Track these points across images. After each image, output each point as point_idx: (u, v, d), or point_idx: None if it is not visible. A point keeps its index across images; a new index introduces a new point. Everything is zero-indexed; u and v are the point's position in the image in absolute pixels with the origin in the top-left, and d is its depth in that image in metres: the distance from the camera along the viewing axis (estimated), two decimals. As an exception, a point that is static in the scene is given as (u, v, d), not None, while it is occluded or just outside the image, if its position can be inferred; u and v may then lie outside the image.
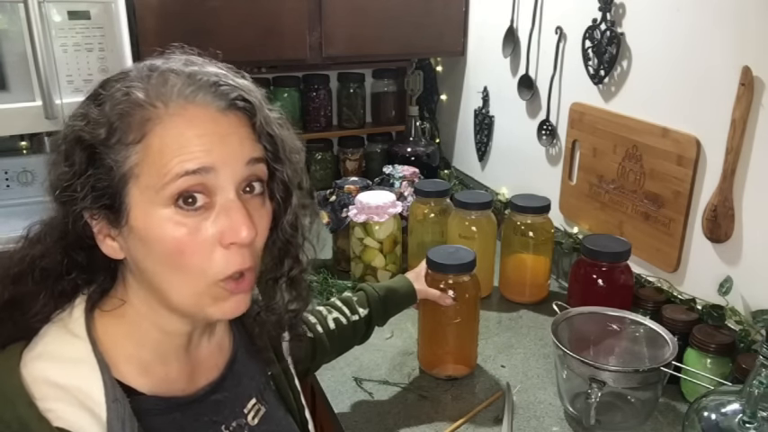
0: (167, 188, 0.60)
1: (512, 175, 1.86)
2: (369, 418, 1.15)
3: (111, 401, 0.61)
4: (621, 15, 1.37)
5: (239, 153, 0.63)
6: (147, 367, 0.68)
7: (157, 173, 0.60)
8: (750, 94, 1.09)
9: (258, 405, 0.78)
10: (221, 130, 0.62)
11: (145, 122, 0.61)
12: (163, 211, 0.61)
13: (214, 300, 0.64)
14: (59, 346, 0.64)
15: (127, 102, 0.61)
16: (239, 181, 0.63)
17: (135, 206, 0.61)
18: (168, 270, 0.63)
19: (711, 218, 1.18)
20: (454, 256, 1.21)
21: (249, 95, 0.65)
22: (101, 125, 0.61)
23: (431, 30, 1.90)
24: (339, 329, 1.08)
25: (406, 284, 1.18)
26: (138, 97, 0.61)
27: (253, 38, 1.67)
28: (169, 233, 0.61)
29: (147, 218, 0.61)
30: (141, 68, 0.64)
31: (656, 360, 1.07)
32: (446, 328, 1.22)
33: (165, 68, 0.64)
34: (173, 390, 0.70)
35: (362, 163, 2.21)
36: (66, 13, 1.41)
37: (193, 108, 0.62)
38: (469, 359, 1.28)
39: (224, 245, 0.62)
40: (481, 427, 1.13)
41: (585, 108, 1.51)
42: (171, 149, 0.60)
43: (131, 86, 0.62)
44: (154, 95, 0.61)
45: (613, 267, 1.31)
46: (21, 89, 1.41)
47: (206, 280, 0.63)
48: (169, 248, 0.61)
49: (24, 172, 1.72)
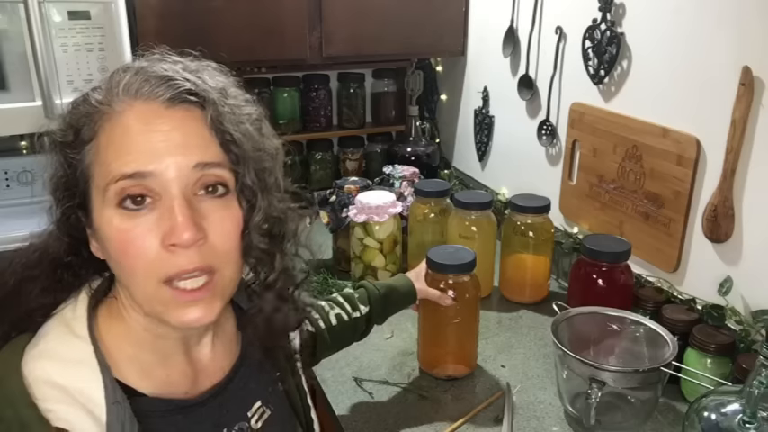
0: (109, 189, 0.60)
1: (512, 175, 1.86)
2: (369, 417, 1.15)
3: (111, 403, 0.61)
4: (621, 15, 1.37)
5: (183, 156, 0.60)
6: (147, 369, 0.67)
7: (103, 174, 0.60)
8: (750, 94, 1.09)
9: (263, 408, 0.77)
10: (165, 129, 0.60)
11: (96, 121, 0.61)
12: (109, 210, 0.60)
13: (166, 306, 0.62)
14: (61, 346, 0.64)
15: (85, 103, 0.63)
16: (186, 183, 0.61)
17: (94, 207, 0.62)
18: (123, 271, 0.62)
19: (711, 218, 1.18)
20: (454, 256, 1.21)
21: (200, 87, 0.63)
22: (68, 127, 0.63)
23: (431, 30, 1.90)
24: (340, 325, 1.08)
25: (406, 283, 1.18)
26: (94, 98, 0.62)
27: (253, 38, 1.67)
28: (114, 233, 0.60)
29: (100, 218, 0.61)
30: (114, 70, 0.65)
31: (656, 360, 1.07)
32: (446, 328, 1.22)
33: (122, 68, 0.64)
34: (175, 392, 0.69)
35: (362, 163, 2.21)
36: (66, 13, 1.41)
37: (137, 104, 0.61)
38: (469, 359, 1.28)
39: (165, 246, 0.60)
40: (481, 427, 1.13)
41: (585, 108, 1.51)
42: (113, 149, 0.60)
43: (94, 89, 0.64)
44: (104, 94, 0.62)
45: (613, 267, 1.31)
46: (21, 89, 1.40)
47: (152, 282, 0.61)
48: (116, 248, 0.61)
49: (24, 172, 1.72)
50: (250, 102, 0.69)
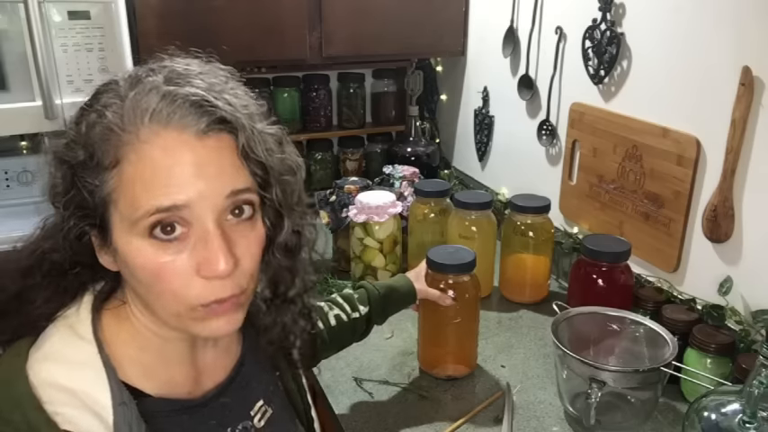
0: (140, 222, 0.58)
1: (512, 175, 1.86)
2: (369, 417, 1.15)
3: (117, 405, 0.61)
4: (621, 15, 1.37)
5: (217, 185, 0.60)
6: (151, 370, 0.68)
7: (130, 205, 0.58)
8: (750, 94, 1.09)
9: (265, 407, 0.78)
10: (198, 160, 0.58)
11: (119, 147, 0.58)
12: (139, 241, 0.59)
13: (196, 321, 0.63)
14: (66, 348, 0.63)
15: (102, 124, 0.59)
16: (219, 211, 0.60)
17: (115, 231, 0.60)
18: (149, 292, 0.62)
19: (711, 218, 1.18)
20: (454, 256, 1.21)
21: (232, 114, 0.61)
22: (79, 146, 0.59)
23: (431, 30, 1.90)
24: (339, 326, 1.08)
25: (406, 284, 1.18)
26: (111, 120, 0.58)
27: (253, 38, 1.67)
28: (146, 262, 0.59)
29: (126, 245, 0.60)
30: (125, 82, 0.61)
31: (656, 360, 1.07)
32: (446, 328, 1.22)
33: (142, 86, 0.60)
34: (178, 393, 0.69)
35: (362, 163, 2.21)
36: (66, 13, 1.41)
37: (167, 133, 0.58)
38: (469, 359, 1.28)
39: (200, 275, 0.60)
40: (481, 427, 1.13)
41: (585, 108, 1.51)
42: (143, 182, 0.58)
43: (108, 107, 0.59)
44: (127, 119, 0.58)
45: (613, 267, 1.31)
46: (21, 89, 1.40)
47: (185, 305, 0.61)
48: (147, 276, 0.60)
49: (24, 172, 1.72)
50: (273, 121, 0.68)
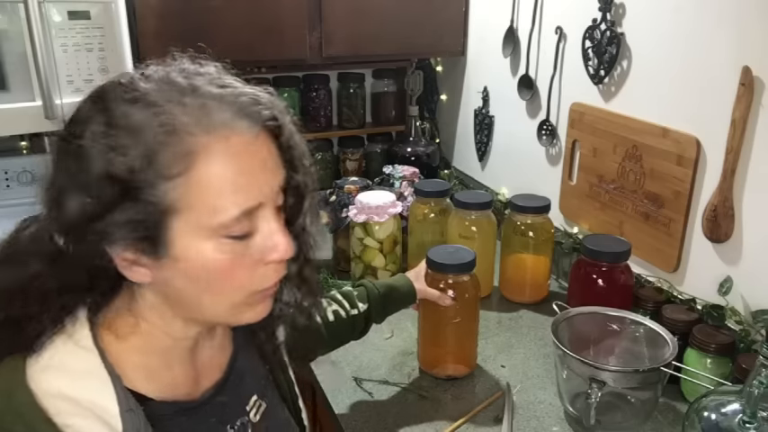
0: (221, 226, 0.60)
1: (512, 175, 1.86)
2: (368, 417, 1.15)
3: (124, 411, 0.61)
4: (621, 15, 1.37)
5: (275, 180, 0.64)
6: (153, 373, 0.67)
7: (207, 210, 0.59)
8: (750, 94, 1.09)
9: (259, 401, 0.79)
10: (263, 159, 0.62)
11: (187, 155, 0.57)
12: (210, 242, 0.60)
13: (248, 306, 0.67)
14: (67, 358, 0.62)
15: (165, 130, 0.57)
16: (276, 203, 0.65)
17: (178, 238, 0.60)
18: (208, 292, 0.64)
19: (711, 218, 1.18)
20: (454, 256, 1.21)
21: (279, 113, 0.65)
22: (137, 156, 0.56)
23: (431, 30, 1.90)
24: (338, 322, 1.09)
25: (406, 283, 1.19)
26: (177, 127, 0.57)
27: (253, 38, 1.67)
28: (218, 262, 0.61)
29: (193, 249, 0.60)
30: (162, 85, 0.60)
31: (656, 360, 1.07)
32: (446, 327, 1.22)
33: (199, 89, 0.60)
34: (179, 394, 0.70)
35: (362, 163, 2.21)
36: (66, 13, 1.41)
37: (234, 138, 0.60)
38: (469, 359, 1.28)
39: (266, 262, 0.64)
40: (481, 427, 1.13)
41: (585, 108, 1.51)
42: (220, 187, 0.59)
43: (165, 111, 0.58)
44: (194, 124, 0.58)
45: (613, 267, 1.31)
46: (21, 89, 1.40)
47: (246, 294, 0.65)
48: (216, 275, 0.62)
49: (24, 172, 1.72)
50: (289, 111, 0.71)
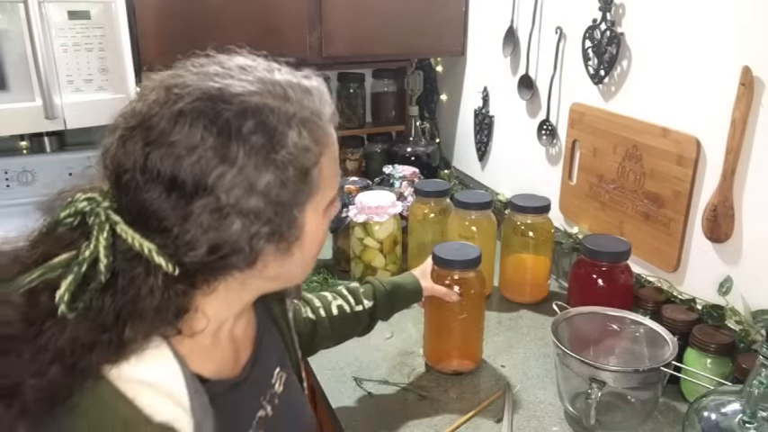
0: (331, 206, 0.72)
1: (512, 175, 1.86)
2: (369, 417, 1.15)
3: (192, 393, 0.64)
4: (621, 15, 1.37)
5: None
6: (207, 354, 0.71)
7: (323, 194, 0.70)
8: (750, 94, 1.09)
9: (282, 372, 0.85)
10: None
11: (317, 156, 0.67)
12: (322, 219, 0.72)
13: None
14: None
15: (318, 127, 0.67)
16: None
17: (308, 221, 0.69)
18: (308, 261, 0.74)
19: (711, 218, 1.18)
20: (459, 253, 1.22)
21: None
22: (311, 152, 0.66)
23: (431, 30, 1.90)
24: (341, 316, 1.11)
25: (412, 281, 1.20)
26: (319, 123, 0.68)
27: (253, 38, 1.65)
28: (324, 230, 0.73)
29: (315, 227, 0.70)
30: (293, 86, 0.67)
31: (656, 360, 1.07)
32: (452, 323, 1.23)
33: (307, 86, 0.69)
34: (226, 371, 0.74)
35: (362, 163, 2.21)
36: (66, 13, 1.41)
37: (331, 128, 0.71)
38: (475, 354, 1.29)
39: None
40: (481, 427, 1.13)
41: (585, 108, 1.51)
42: (331, 175, 0.71)
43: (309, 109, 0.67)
44: (323, 121, 0.69)
45: (613, 267, 1.31)
46: (21, 89, 1.40)
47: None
48: (319, 244, 0.73)
49: (24, 172, 1.72)
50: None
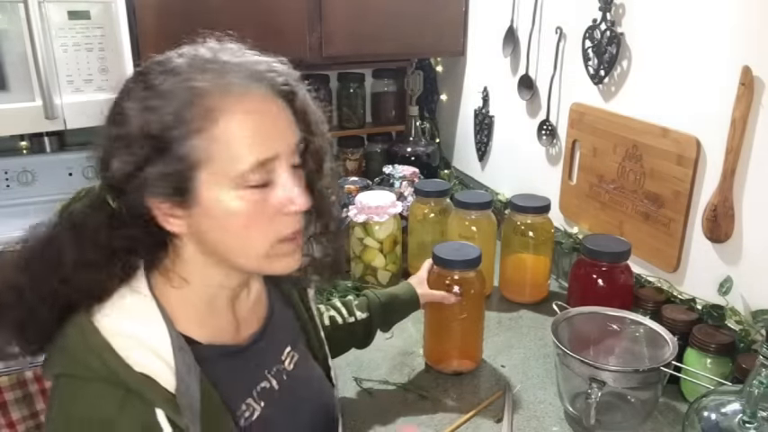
0: (240, 175, 0.68)
1: (512, 175, 1.86)
2: (369, 417, 1.15)
3: (177, 350, 0.69)
4: (621, 15, 1.37)
5: (290, 138, 0.72)
6: (202, 320, 0.76)
7: (228, 161, 0.67)
8: (750, 94, 1.09)
9: (292, 352, 0.88)
10: (275, 119, 0.70)
11: (209, 112, 0.66)
12: (233, 192, 0.68)
13: (275, 258, 0.73)
14: (129, 303, 0.71)
15: (191, 93, 0.66)
16: (291, 160, 0.72)
17: (204, 189, 0.68)
18: (236, 240, 0.71)
19: (711, 218, 1.18)
20: (460, 253, 1.22)
21: (291, 80, 0.73)
22: (167, 114, 0.65)
23: (431, 30, 1.90)
24: (333, 328, 1.12)
25: (408, 290, 1.21)
26: (201, 88, 0.67)
27: (252, 38, 1.64)
28: (240, 209, 0.69)
29: (218, 198, 0.68)
30: (191, 58, 0.69)
31: (656, 360, 1.07)
32: (452, 323, 1.23)
33: (221, 60, 0.70)
34: (224, 339, 0.78)
35: (362, 163, 2.21)
36: (66, 13, 1.41)
37: (249, 97, 0.69)
38: (475, 354, 1.29)
39: (284, 213, 0.71)
40: (481, 427, 1.13)
41: (585, 108, 1.51)
42: (238, 141, 0.67)
43: (191, 78, 0.67)
44: (215, 87, 0.67)
45: (613, 267, 1.31)
46: (21, 89, 1.41)
47: (270, 242, 0.71)
48: (240, 222, 0.69)
49: (24, 172, 1.72)
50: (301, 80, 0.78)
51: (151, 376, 0.66)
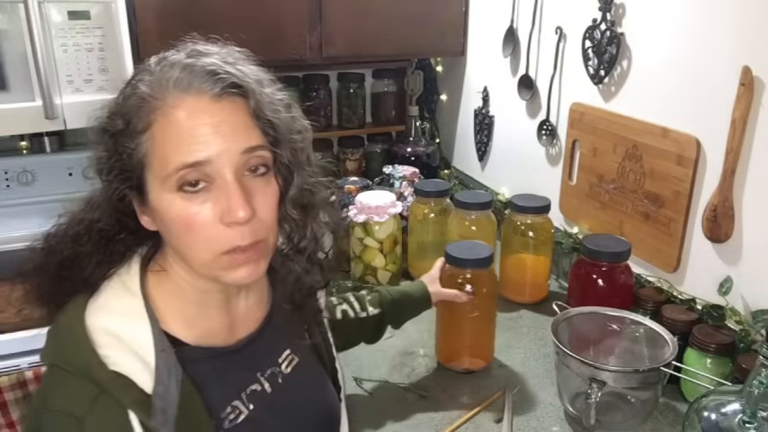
0: (170, 178, 0.66)
1: (512, 175, 1.86)
2: (369, 417, 1.15)
3: (159, 351, 0.69)
4: (621, 15, 1.37)
5: (233, 143, 0.67)
6: (191, 321, 0.76)
7: (162, 163, 0.66)
8: (750, 94, 1.09)
9: (292, 355, 0.86)
10: (215, 121, 0.67)
11: (149, 113, 0.67)
12: (169, 195, 0.67)
13: (223, 269, 0.70)
14: (117, 300, 0.73)
15: (135, 95, 0.68)
16: (236, 166, 0.68)
17: (151, 189, 0.69)
18: (183, 243, 0.70)
19: (711, 218, 1.18)
20: (472, 251, 1.23)
21: (243, 80, 0.69)
22: (117, 116, 0.69)
23: (431, 30, 1.90)
24: (345, 322, 1.11)
25: (420, 289, 1.21)
26: (143, 90, 0.67)
27: (253, 38, 1.64)
28: (177, 213, 0.67)
29: (159, 200, 0.68)
30: (155, 61, 0.71)
31: (656, 360, 1.07)
32: (464, 322, 1.24)
33: (167, 61, 0.70)
34: (215, 341, 0.77)
35: (362, 163, 2.21)
36: (66, 13, 1.41)
37: (189, 98, 0.67)
38: (487, 352, 1.30)
39: (224, 223, 0.67)
40: (481, 427, 1.13)
41: (585, 108, 1.51)
42: (170, 142, 0.66)
43: (139, 80, 0.69)
44: (155, 88, 0.67)
45: (613, 267, 1.31)
46: (21, 89, 1.40)
47: (213, 253, 0.69)
48: (179, 226, 0.68)
49: (24, 172, 1.72)
50: (280, 87, 0.77)
51: (127, 376, 0.66)
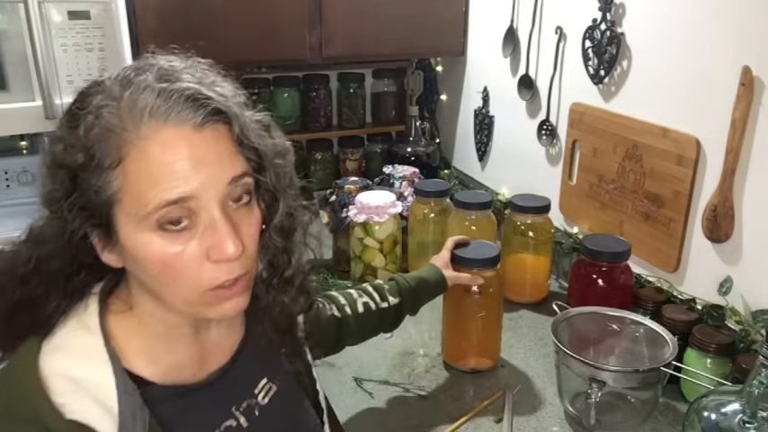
0: (149, 218, 0.60)
1: (512, 175, 1.86)
2: (368, 417, 1.15)
3: (122, 393, 0.63)
4: (621, 15, 1.37)
5: (218, 174, 0.62)
6: (156, 357, 0.70)
7: (137, 202, 0.60)
8: (750, 94, 1.09)
9: (269, 384, 0.80)
10: (197, 153, 0.61)
11: (120, 147, 0.59)
12: (148, 235, 0.61)
13: (207, 305, 0.65)
14: (74, 340, 0.66)
15: (99, 126, 0.60)
16: (222, 198, 0.63)
17: (122, 228, 0.62)
18: (160, 283, 0.64)
19: (711, 218, 1.18)
20: (479, 251, 1.23)
21: (225, 105, 0.63)
22: (77, 150, 0.60)
23: (431, 30, 1.90)
24: (366, 314, 1.09)
25: (436, 273, 1.19)
26: (111, 121, 0.60)
27: (253, 38, 1.67)
28: (157, 254, 0.61)
29: (134, 240, 0.61)
30: (114, 83, 0.62)
31: (656, 360, 1.07)
32: (470, 321, 1.24)
33: (136, 86, 0.61)
34: (183, 376, 0.72)
35: (362, 163, 2.21)
36: (66, 13, 1.41)
37: (166, 130, 0.60)
38: (493, 352, 1.30)
39: (211, 260, 0.62)
40: (481, 427, 1.13)
41: (585, 108, 1.51)
42: (147, 178, 0.59)
43: (103, 108, 0.60)
44: (126, 118, 0.60)
45: (613, 267, 1.31)
46: (21, 89, 1.40)
47: (197, 291, 0.64)
48: (158, 267, 0.62)
49: (24, 172, 1.72)
50: (252, 106, 0.70)
51: (86, 424, 0.61)
